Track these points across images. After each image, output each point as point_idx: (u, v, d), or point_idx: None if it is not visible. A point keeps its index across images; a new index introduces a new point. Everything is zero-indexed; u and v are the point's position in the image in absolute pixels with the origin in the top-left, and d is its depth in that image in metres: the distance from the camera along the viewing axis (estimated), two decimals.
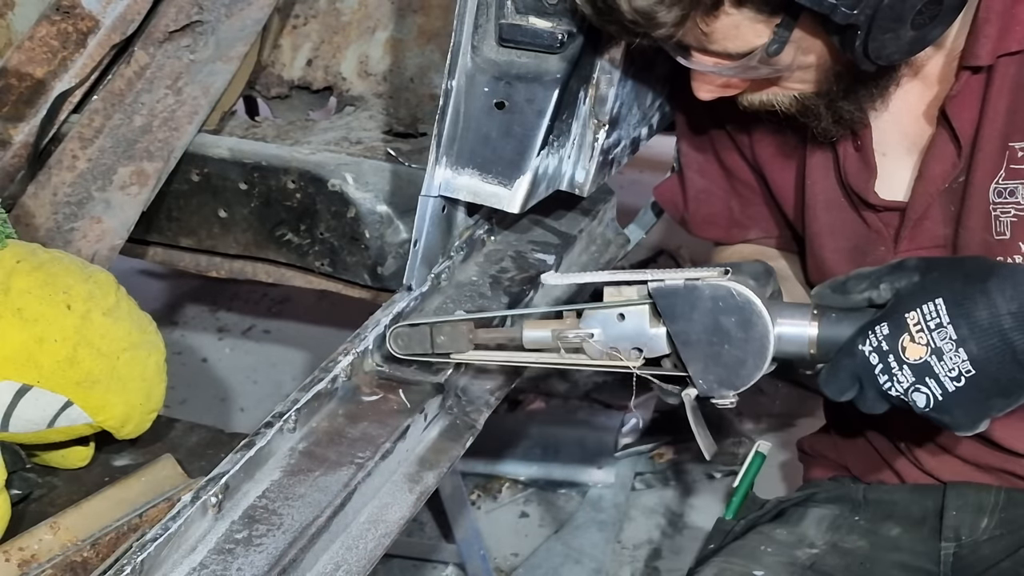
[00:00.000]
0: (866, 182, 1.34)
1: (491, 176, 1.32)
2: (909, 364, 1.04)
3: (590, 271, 1.44)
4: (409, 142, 1.76)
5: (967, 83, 1.24)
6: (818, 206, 1.40)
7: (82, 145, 1.64)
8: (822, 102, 1.25)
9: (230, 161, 1.66)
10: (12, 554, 1.16)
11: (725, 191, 1.53)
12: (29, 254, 1.30)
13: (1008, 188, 1.24)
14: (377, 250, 1.60)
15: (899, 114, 1.32)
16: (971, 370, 1.03)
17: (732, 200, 1.53)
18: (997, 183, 1.24)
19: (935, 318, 1.03)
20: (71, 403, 1.27)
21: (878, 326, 1.05)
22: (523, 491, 2.47)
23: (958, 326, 1.02)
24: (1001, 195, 1.24)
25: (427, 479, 1.20)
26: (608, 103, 1.40)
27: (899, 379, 1.05)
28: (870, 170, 1.34)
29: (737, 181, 1.51)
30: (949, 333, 1.03)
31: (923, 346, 1.03)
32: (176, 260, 1.78)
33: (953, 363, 1.03)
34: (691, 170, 1.55)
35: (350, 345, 1.28)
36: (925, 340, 1.03)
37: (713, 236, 1.59)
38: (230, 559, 1.05)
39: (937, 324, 1.03)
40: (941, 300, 1.03)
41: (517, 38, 1.34)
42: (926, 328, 1.03)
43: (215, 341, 2.93)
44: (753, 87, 1.27)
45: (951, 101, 1.25)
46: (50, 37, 1.69)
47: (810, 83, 1.24)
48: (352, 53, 1.90)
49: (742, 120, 1.41)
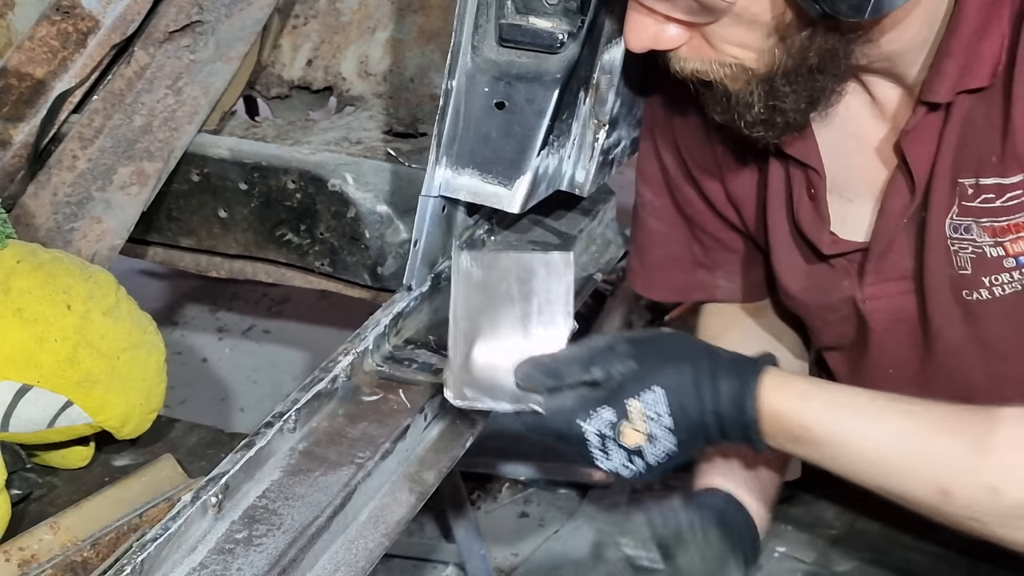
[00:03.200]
0: (819, 233, 1.31)
1: (491, 176, 1.32)
2: (625, 448, 1.12)
3: None
4: (409, 142, 1.76)
5: (924, 119, 1.20)
6: (780, 247, 1.38)
7: (82, 145, 1.64)
8: (757, 81, 1.18)
9: (230, 161, 1.66)
10: (12, 554, 1.17)
11: (686, 235, 1.46)
12: (29, 254, 1.30)
13: (963, 224, 1.21)
14: (377, 250, 1.60)
15: (859, 154, 1.28)
16: (675, 451, 1.12)
17: (694, 244, 1.47)
18: (951, 219, 1.22)
19: (655, 407, 1.11)
20: (71, 403, 1.27)
21: (601, 409, 1.11)
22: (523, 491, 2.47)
23: (675, 415, 1.11)
24: (957, 231, 1.22)
25: (427, 479, 1.20)
26: (608, 103, 1.40)
27: (610, 458, 1.13)
28: (823, 221, 1.31)
29: (697, 227, 1.45)
30: (666, 423, 1.11)
31: (641, 433, 1.11)
32: (176, 260, 1.78)
33: (662, 447, 1.12)
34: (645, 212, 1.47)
35: (350, 345, 1.28)
36: (644, 428, 1.11)
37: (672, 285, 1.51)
38: (230, 559, 1.05)
39: (656, 413, 1.11)
40: (662, 391, 1.11)
41: (517, 38, 1.34)
42: (645, 417, 1.11)
43: (215, 341, 2.93)
44: (689, 48, 1.18)
45: (906, 136, 1.22)
46: (50, 37, 1.69)
47: (752, 50, 1.16)
48: (352, 53, 1.90)
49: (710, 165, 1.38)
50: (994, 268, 1.21)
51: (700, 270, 1.48)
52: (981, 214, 1.20)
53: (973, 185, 1.20)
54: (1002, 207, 1.18)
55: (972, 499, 1.03)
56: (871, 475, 1.10)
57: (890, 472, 1.08)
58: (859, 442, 1.09)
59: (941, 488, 1.05)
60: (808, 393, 1.12)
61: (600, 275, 1.66)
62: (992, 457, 1.04)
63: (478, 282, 1.17)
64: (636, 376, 1.12)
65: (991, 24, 1.15)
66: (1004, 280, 1.21)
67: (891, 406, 1.10)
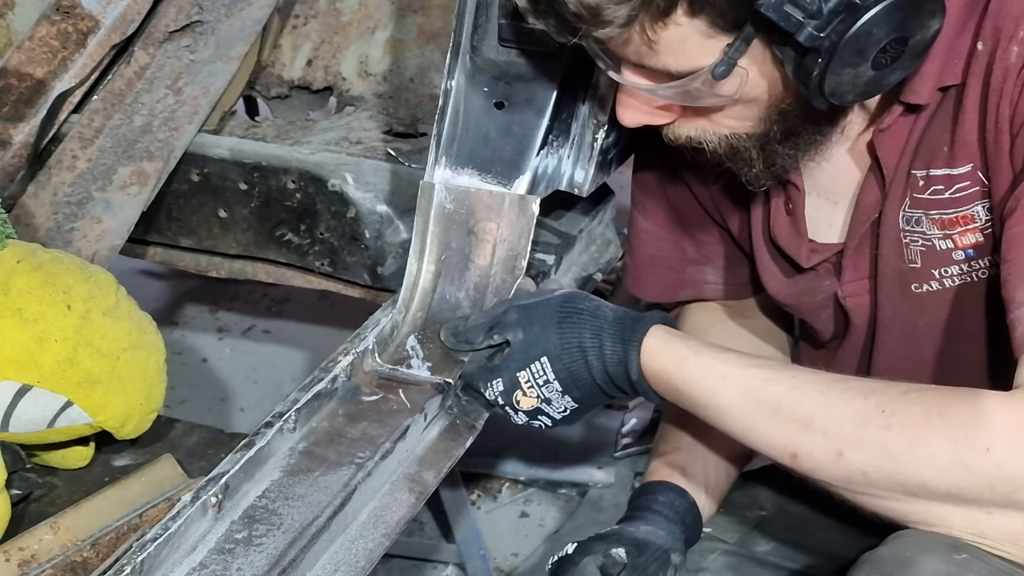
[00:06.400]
0: (798, 247, 1.33)
1: (491, 176, 1.32)
2: (523, 411, 1.21)
3: None
4: (409, 142, 1.76)
5: (900, 119, 1.20)
6: (763, 258, 1.39)
7: (82, 145, 1.64)
8: (755, 145, 1.19)
9: (230, 161, 1.66)
10: (12, 554, 1.17)
11: (676, 233, 1.48)
12: (29, 254, 1.30)
13: (914, 216, 1.22)
14: (377, 250, 1.60)
15: (843, 155, 1.28)
16: (575, 405, 1.21)
17: (685, 241, 1.48)
18: (903, 211, 1.22)
19: (542, 375, 1.18)
20: (71, 403, 1.27)
21: (494, 380, 1.20)
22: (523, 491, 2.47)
23: (562, 381, 1.18)
24: (909, 223, 1.23)
25: (427, 479, 1.20)
26: (608, 103, 1.39)
27: (517, 419, 1.22)
28: (800, 235, 1.32)
29: (689, 222, 1.46)
30: (556, 387, 1.19)
31: (534, 399, 1.20)
32: (176, 260, 1.78)
33: (560, 405, 1.20)
34: (636, 211, 1.50)
35: (350, 345, 1.28)
36: (535, 394, 1.19)
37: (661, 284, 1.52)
38: (230, 559, 1.05)
39: (544, 380, 1.19)
40: (546, 359, 1.18)
41: (517, 38, 1.33)
42: (536, 384, 1.19)
43: (215, 341, 2.92)
44: (684, 118, 1.19)
45: (880, 135, 1.22)
46: (50, 37, 1.69)
47: (748, 121, 1.17)
48: (352, 53, 1.90)
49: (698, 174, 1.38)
50: (943, 261, 1.22)
51: (690, 267, 1.50)
52: (931, 206, 1.20)
53: (924, 176, 1.20)
54: (950, 199, 1.19)
55: (817, 462, 1.06)
56: (739, 435, 1.13)
57: (749, 434, 1.11)
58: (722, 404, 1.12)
59: (791, 452, 1.08)
60: (682, 357, 1.15)
61: (600, 275, 1.67)
62: (832, 424, 1.05)
63: None
64: (522, 346, 1.19)
65: (968, 22, 1.15)
66: (954, 272, 1.23)
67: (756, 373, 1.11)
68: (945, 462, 0.99)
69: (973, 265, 1.21)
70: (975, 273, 1.21)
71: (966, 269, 1.22)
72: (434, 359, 1.28)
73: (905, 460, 1.01)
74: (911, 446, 1.01)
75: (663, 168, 1.44)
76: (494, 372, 1.21)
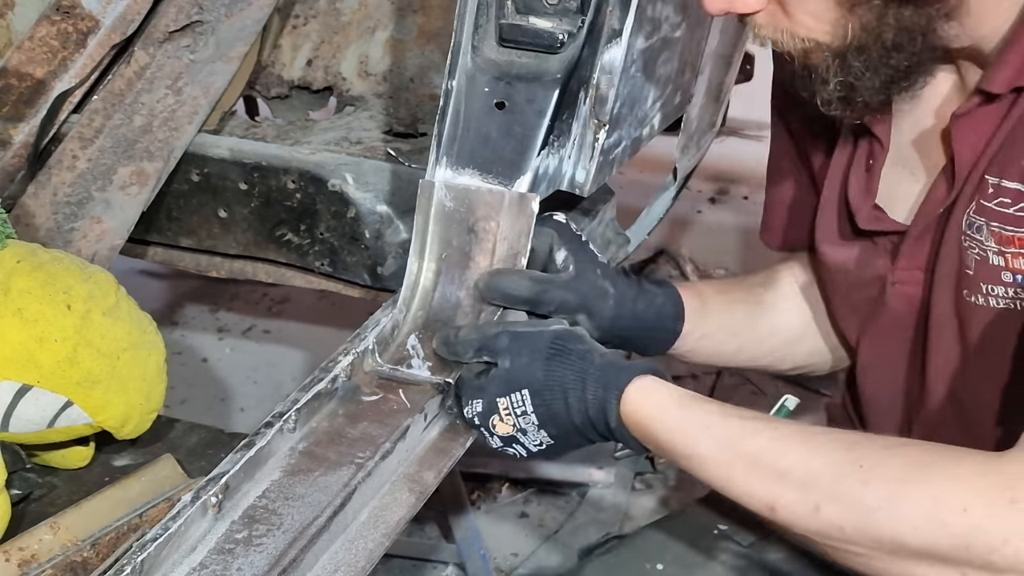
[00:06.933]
0: (862, 204, 1.31)
1: (491, 176, 1.32)
2: (499, 436, 1.21)
3: None
4: (409, 142, 1.76)
5: (979, 109, 1.18)
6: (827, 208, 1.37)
7: (82, 145, 1.64)
8: (831, 56, 1.16)
9: (230, 161, 1.66)
10: (12, 554, 1.16)
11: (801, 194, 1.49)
12: (29, 254, 1.30)
13: (976, 223, 1.19)
14: (377, 250, 1.60)
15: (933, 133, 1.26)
16: (551, 441, 1.21)
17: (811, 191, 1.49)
18: (968, 215, 1.20)
19: (521, 407, 1.19)
20: (71, 403, 1.27)
21: (475, 401, 1.20)
22: (523, 491, 2.47)
23: (540, 416, 1.19)
24: (971, 228, 1.20)
25: (427, 479, 1.19)
26: (608, 103, 1.39)
27: (492, 442, 1.22)
28: (869, 193, 1.31)
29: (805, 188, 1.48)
30: (532, 420, 1.19)
31: (510, 427, 1.20)
32: (176, 260, 1.78)
33: (535, 438, 1.21)
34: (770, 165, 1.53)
35: (350, 345, 1.28)
36: (512, 423, 1.20)
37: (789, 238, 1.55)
38: (230, 559, 1.05)
39: (523, 412, 1.19)
40: (527, 392, 1.18)
41: (517, 38, 1.34)
42: (513, 414, 1.19)
43: (215, 341, 2.93)
44: (767, 14, 1.17)
45: (956, 121, 1.20)
46: (50, 37, 1.69)
47: (824, 22, 1.14)
48: (352, 53, 1.90)
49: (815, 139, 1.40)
50: (992, 277, 1.19)
51: None
52: (993, 216, 1.17)
53: (995, 184, 1.17)
54: (1014, 216, 1.16)
55: (795, 515, 1.05)
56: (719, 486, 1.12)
57: (729, 485, 1.10)
58: (703, 454, 1.12)
59: (769, 505, 1.07)
60: (663, 407, 1.15)
61: None
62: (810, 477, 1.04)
63: None
64: (506, 374, 1.19)
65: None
66: (999, 293, 1.20)
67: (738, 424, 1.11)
68: (921, 520, 0.97)
69: (1019, 292, 1.18)
70: (1019, 301, 1.18)
71: (1011, 294, 1.18)
72: (435, 359, 1.28)
73: (882, 516, 0.99)
74: (888, 501, 0.99)
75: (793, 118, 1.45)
76: (476, 392, 1.21)
